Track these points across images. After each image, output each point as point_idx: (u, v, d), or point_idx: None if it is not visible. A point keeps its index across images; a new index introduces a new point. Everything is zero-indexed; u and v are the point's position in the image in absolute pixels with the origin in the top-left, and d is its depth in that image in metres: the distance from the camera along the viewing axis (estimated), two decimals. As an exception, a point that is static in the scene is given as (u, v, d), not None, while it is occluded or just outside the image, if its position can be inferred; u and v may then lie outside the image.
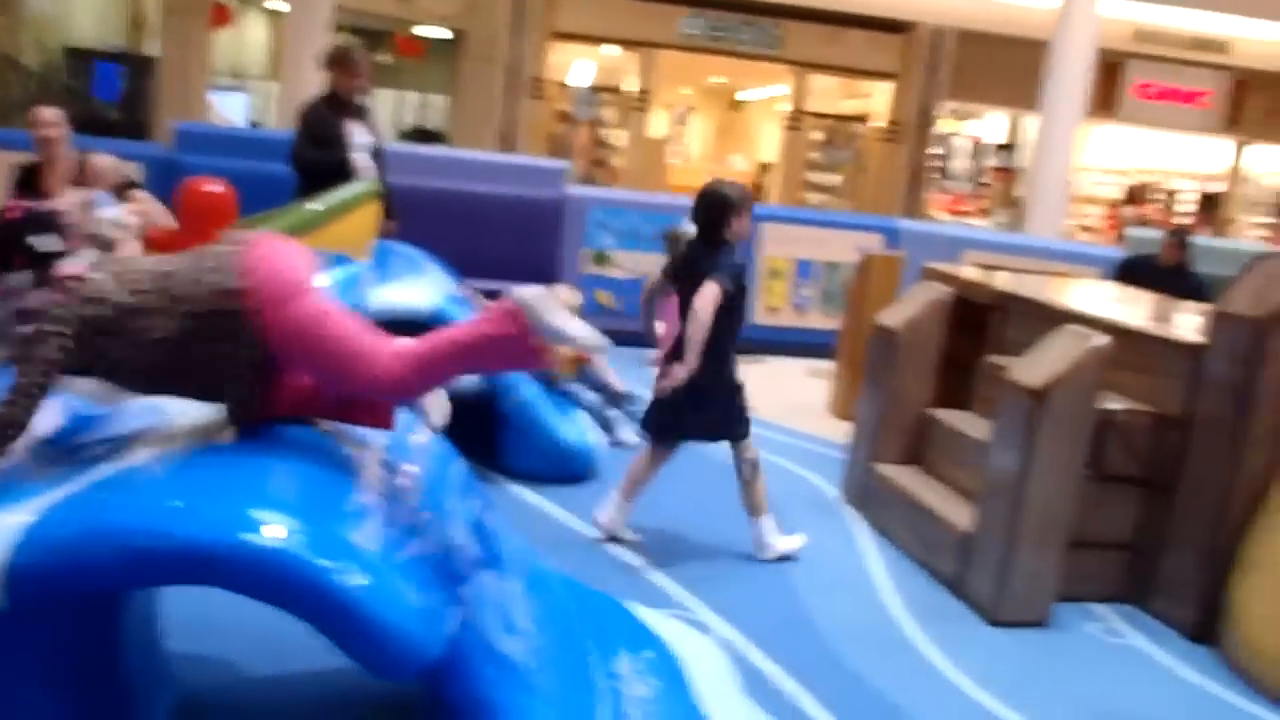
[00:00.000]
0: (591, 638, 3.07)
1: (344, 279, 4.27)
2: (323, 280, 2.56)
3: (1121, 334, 4.45)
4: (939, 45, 15.73)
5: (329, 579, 2.04)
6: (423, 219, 6.39)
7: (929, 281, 5.42)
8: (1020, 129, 17.95)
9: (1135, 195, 19.62)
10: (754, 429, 4.15)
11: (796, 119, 16.37)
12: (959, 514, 4.41)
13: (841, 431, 5.78)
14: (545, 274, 7.81)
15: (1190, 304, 5.72)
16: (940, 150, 17.24)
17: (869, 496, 5.04)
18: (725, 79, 20.13)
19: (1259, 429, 4.03)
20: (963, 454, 4.71)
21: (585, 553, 4.25)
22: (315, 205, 4.91)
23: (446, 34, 15.33)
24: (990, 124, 18.40)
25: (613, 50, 16.42)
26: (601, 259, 8.19)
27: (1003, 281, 5.68)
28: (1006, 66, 15.14)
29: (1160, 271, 7.73)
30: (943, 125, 17.07)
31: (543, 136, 15.73)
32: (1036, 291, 5.56)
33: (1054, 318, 4.53)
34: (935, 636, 3.89)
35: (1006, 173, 17.89)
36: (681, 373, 4.00)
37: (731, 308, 4.14)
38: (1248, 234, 17.74)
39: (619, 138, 16.58)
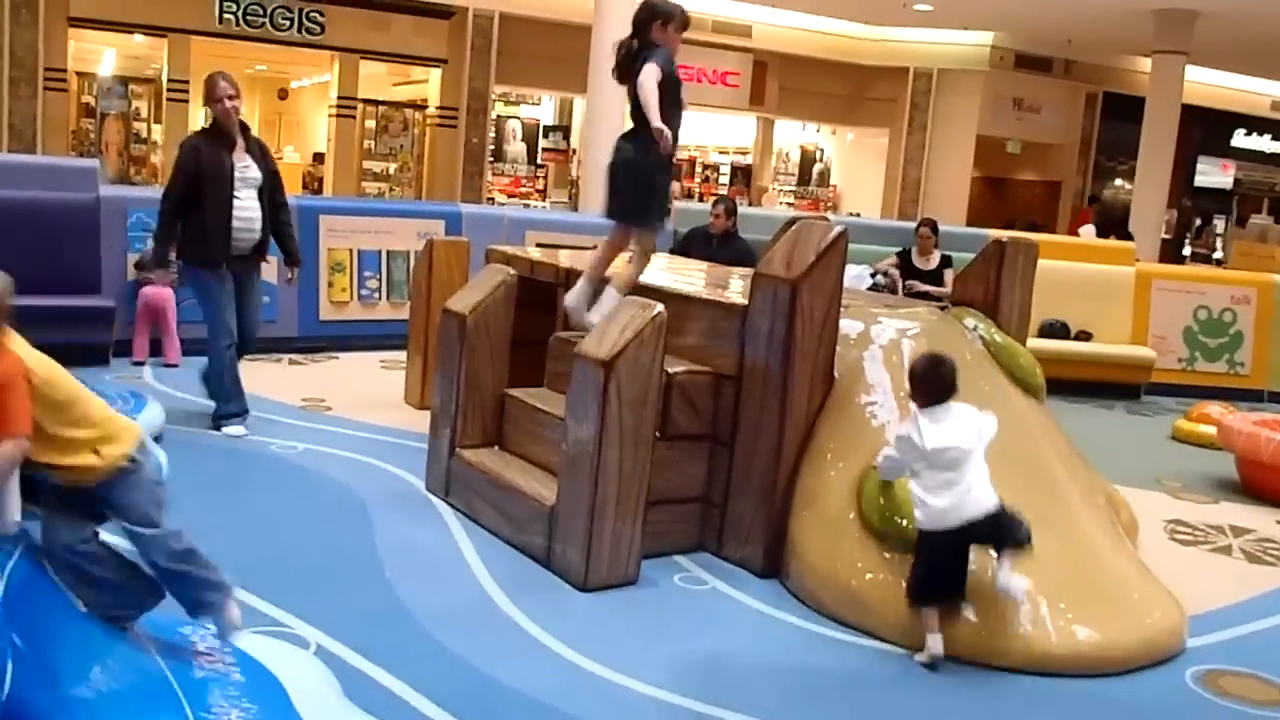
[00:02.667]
0: (175, 670, 2.85)
1: None
2: None
3: (678, 300, 4.74)
4: (485, 30, 15.97)
5: None
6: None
7: (494, 264, 5.49)
8: (571, 111, 18.63)
9: (678, 171, 20.96)
10: (331, 426, 4.03)
11: (348, 107, 16.02)
12: (544, 489, 4.51)
13: (421, 421, 5.74)
14: (85, 284, 7.14)
15: (740, 269, 6.17)
16: (496, 134, 17.51)
17: (455, 483, 5.03)
18: (268, 67, 19.32)
19: (800, 379, 4.43)
20: (542, 430, 4.82)
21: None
22: None
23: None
24: (543, 107, 18.95)
25: (142, 36, 15.23)
26: (142, 265, 7.51)
27: (565, 260, 5.86)
28: (553, 50, 15.65)
29: (712, 240, 8.30)
30: (498, 109, 17.36)
31: (66, 133, 14.35)
32: (597, 266, 5.79)
33: (615, 290, 4.73)
34: (531, 610, 3.96)
35: (561, 154, 18.52)
36: (664, 140, 4.47)
37: (666, 90, 4.54)
38: (780, 202, 19.52)
39: (157, 132, 15.45)
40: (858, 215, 17.07)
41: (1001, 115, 18.80)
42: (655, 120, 4.45)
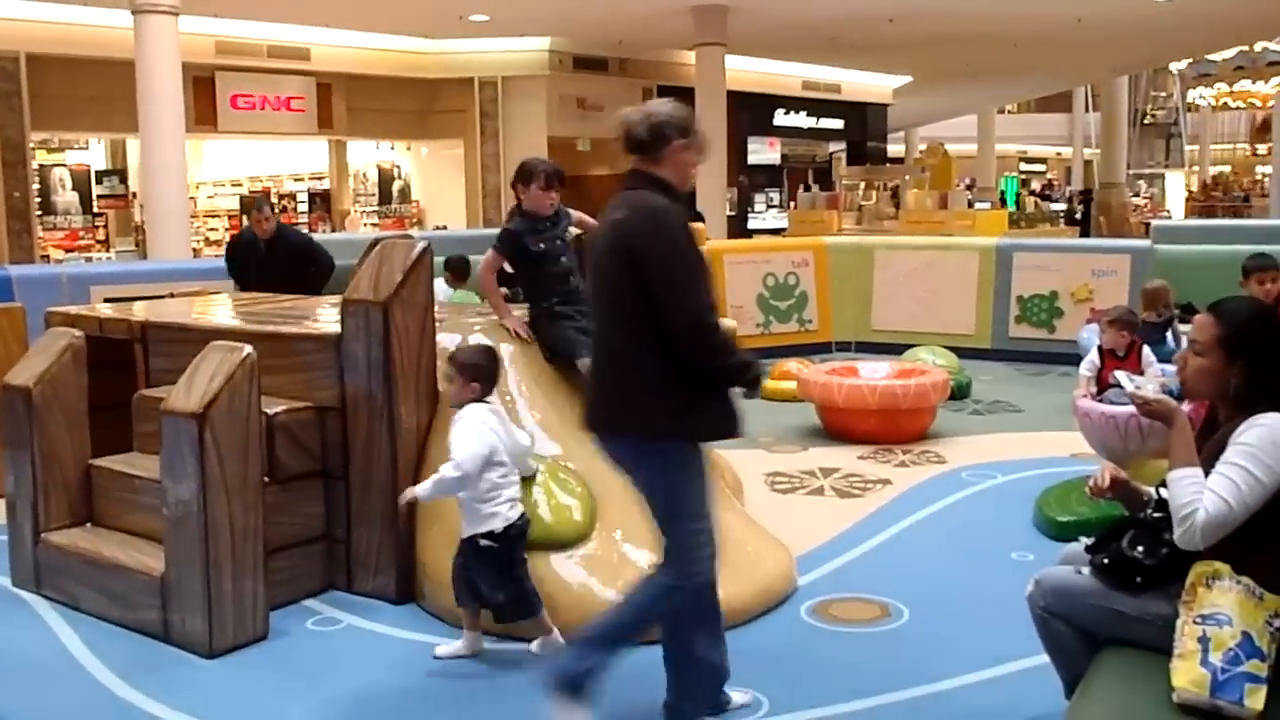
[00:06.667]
0: None
1: None
2: None
3: (267, 339, 4.56)
4: (11, 72, 14.51)
5: None
6: None
7: (56, 329, 5.03)
8: (125, 153, 17.39)
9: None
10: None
11: None
12: (149, 559, 4.20)
13: (-4, 510, 5.18)
14: None
15: (328, 299, 6.01)
16: (41, 185, 16.00)
17: (45, 571, 4.58)
18: None
19: (405, 400, 4.41)
20: (137, 497, 4.49)
21: None
22: None
23: None
24: (93, 151, 17.55)
25: None
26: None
27: (140, 312, 5.49)
28: (95, 90, 14.51)
29: (261, 244, 7.79)
30: (40, 157, 15.87)
31: None
32: (177, 316, 5.47)
33: (199, 338, 4.48)
34: (155, 691, 3.69)
35: (121, 199, 17.24)
36: (509, 321, 4.77)
37: (520, 265, 4.79)
38: (364, 224, 19.22)
39: None
40: (444, 228, 17.14)
41: (568, 116, 19.46)
42: (497, 314, 4.83)
